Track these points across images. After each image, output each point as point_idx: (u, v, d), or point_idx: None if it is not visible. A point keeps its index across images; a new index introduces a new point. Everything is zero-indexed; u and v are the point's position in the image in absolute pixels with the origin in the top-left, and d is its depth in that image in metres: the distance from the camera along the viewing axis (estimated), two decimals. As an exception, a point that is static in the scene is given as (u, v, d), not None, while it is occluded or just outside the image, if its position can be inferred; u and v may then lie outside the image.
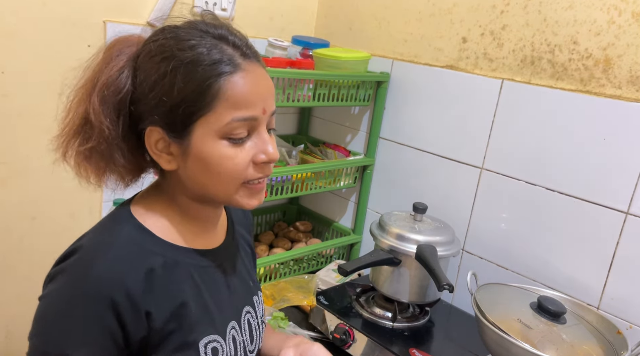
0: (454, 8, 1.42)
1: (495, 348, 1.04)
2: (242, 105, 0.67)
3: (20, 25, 1.21)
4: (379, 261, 1.26)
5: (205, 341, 0.71)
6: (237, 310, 0.80)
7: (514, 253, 1.34)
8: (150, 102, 0.67)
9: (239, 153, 0.68)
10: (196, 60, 0.65)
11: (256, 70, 0.69)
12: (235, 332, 0.78)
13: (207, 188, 0.71)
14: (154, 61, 0.67)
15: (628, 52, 1.13)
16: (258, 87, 0.69)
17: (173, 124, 0.67)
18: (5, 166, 1.28)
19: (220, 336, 0.74)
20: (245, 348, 0.80)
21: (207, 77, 0.65)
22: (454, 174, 1.45)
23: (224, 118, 0.66)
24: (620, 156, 1.14)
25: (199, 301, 0.72)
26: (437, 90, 1.47)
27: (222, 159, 0.67)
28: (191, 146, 0.68)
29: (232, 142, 0.68)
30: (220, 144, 0.67)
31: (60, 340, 0.63)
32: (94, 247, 0.67)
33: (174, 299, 0.69)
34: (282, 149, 1.60)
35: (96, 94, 0.67)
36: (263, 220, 1.87)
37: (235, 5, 1.56)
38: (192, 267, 0.73)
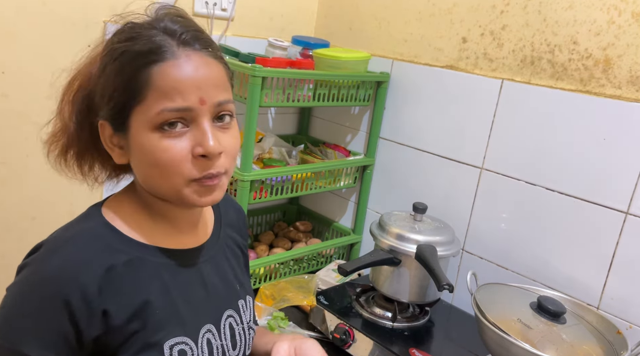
0: (454, 8, 1.42)
1: (495, 348, 1.04)
2: (173, 95, 0.63)
3: (20, 25, 1.21)
4: (379, 261, 1.26)
5: (171, 343, 0.69)
6: (215, 313, 0.77)
7: (514, 253, 1.34)
8: (97, 97, 0.68)
9: (174, 146, 0.64)
10: (127, 51, 0.64)
11: (195, 58, 0.65)
12: (212, 336, 0.75)
13: (153, 182, 0.69)
14: (101, 57, 0.68)
15: (628, 52, 1.13)
16: (194, 75, 0.64)
17: (114, 117, 0.67)
18: (5, 166, 1.28)
19: (190, 339, 0.71)
20: (224, 353, 0.77)
21: (136, 67, 0.64)
22: (454, 174, 1.45)
23: (154, 108, 0.63)
24: (620, 156, 1.14)
25: (166, 301, 0.70)
26: (437, 90, 1.48)
27: (156, 152, 0.64)
28: (130, 138, 0.67)
29: (166, 134, 0.64)
30: (153, 136, 0.64)
31: (14, 335, 0.62)
32: (55, 243, 0.67)
33: (136, 297, 0.67)
34: (282, 149, 1.60)
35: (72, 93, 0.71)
36: (263, 220, 1.87)
37: (235, 5, 1.56)
38: (161, 266, 0.71)
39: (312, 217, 1.88)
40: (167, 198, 0.70)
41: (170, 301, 0.70)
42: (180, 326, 0.70)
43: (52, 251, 0.65)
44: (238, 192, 1.34)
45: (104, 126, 0.69)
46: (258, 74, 1.25)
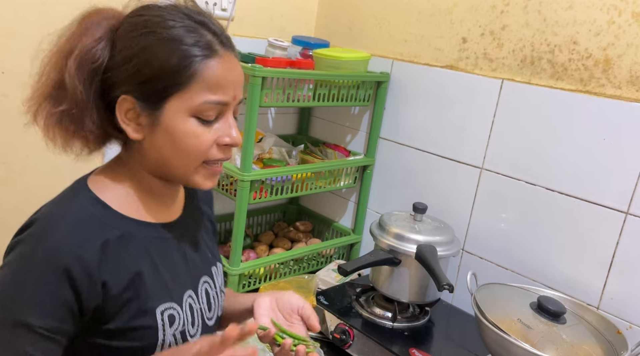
0: (454, 8, 1.42)
1: (495, 348, 1.04)
2: (216, 89, 0.71)
3: (20, 25, 1.21)
4: (379, 261, 1.26)
5: (162, 309, 0.75)
6: (194, 280, 0.84)
7: (514, 253, 1.34)
8: (126, 72, 0.70)
9: (205, 133, 0.72)
10: (178, 39, 0.69)
11: (231, 59, 0.73)
12: (192, 300, 0.82)
13: (169, 162, 0.74)
14: (135, 34, 0.70)
15: (628, 52, 1.13)
16: (232, 74, 0.73)
17: (147, 96, 0.70)
18: (5, 166, 1.28)
19: (176, 304, 0.78)
20: (203, 315, 0.84)
21: (187, 56, 0.69)
22: (454, 174, 1.45)
23: (198, 99, 0.70)
24: (620, 156, 1.14)
25: (154, 271, 0.76)
26: (437, 90, 1.48)
27: (188, 136, 0.71)
28: (161, 119, 0.71)
29: (201, 122, 0.71)
30: (189, 122, 0.71)
31: (17, 308, 0.65)
32: (49, 219, 0.69)
33: (129, 269, 0.72)
34: (282, 149, 1.60)
35: (73, 59, 0.70)
36: (263, 220, 1.87)
37: (235, 5, 1.56)
38: (148, 240, 0.77)
39: (312, 217, 1.88)
40: (174, 177, 0.76)
41: (158, 271, 0.76)
42: (168, 294, 0.77)
43: (49, 228, 0.68)
44: (238, 192, 1.34)
45: (125, 101, 0.71)
46: (258, 74, 1.25)
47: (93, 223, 0.70)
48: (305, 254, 1.60)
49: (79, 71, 0.70)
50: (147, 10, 0.72)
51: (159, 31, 0.69)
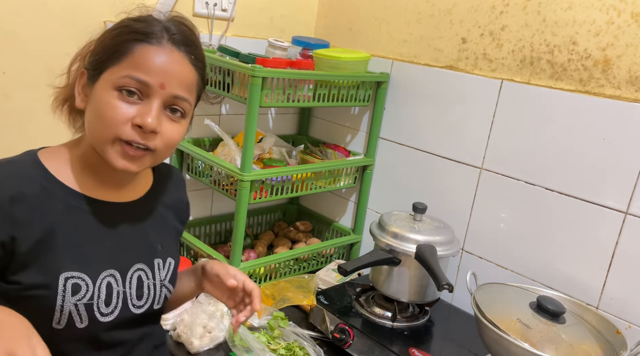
0: (453, 9, 1.43)
1: (494, 348, 1.04)
2: (142, 69, 0.75)
3: (20, 26, 1.21)
4: (378, 261, 1.26)
5: (67, 275, 0.77)
6: (122, 262, 0.84)
7: (514, 252, 1.34)
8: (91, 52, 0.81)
9: (122, 107, 0.75)
10: (128, 26, 0.78)
11: (175, 54, 0.78)
12: (114, 281, 0.82)
13: (91, 133, 0.78)
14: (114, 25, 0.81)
15: (627, 52, 1.13)
16: (167, 65, 0.77)
17: (91, 68, 0.79)
18: (6, 166, 1.28)
19: (87, 277, 0.78)
20: (126, 300, 0.84)
21: (127, 39, 0.76)
22: (453, 174, 1.45)
23: (122, 72, 0.75)
24: (620, 156, 1.15)
25: (70, 238, 0.78)
26: (436, 90, 1.48)
27: (106, 106, 0.75)
28: (95, 89, 0.77)
29: (121, 97, 0.75)
30: (111, 93, 0.75)
31: None
32: None
33: (43, 226, 0.75)
34: (282, 149, 1.60)
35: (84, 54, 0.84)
36: (263, 220, 1.88)
37: (236, 5, 1.56)
38: (76, 208, 0.80)
39: (312, 217, 1.88)
40: (96, 149, 0.79)
41: (76, 240, 0.79)
42: (80, 264, 0.78)
43: None
44: (238, 192, 1.34)
45: (83, 74, 0.80)
46: (258, 74, 1.25)
47: (19, 175, 0.76)
48: (305, 254, 1.60)
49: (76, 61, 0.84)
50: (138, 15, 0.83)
51: (125, 21, 0.79)
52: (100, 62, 0.77)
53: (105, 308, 0.80)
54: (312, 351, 1.19)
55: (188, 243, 1.53)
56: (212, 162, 1.43)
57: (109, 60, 0.77)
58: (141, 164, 0.79)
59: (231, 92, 1.36)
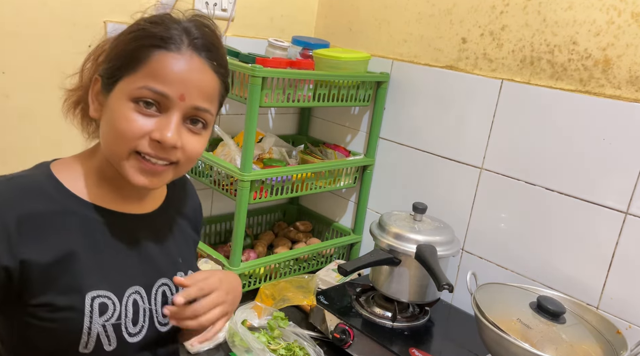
0: (453, 8, 1.43)
1: (494, 348, 1.04)
2: (159, 79, 0.70)
3: (20, 25, 1.21)
4: (378, 261, 1.26)
5: (94, 294, 0.72)
6: (147, 278, 0.80)
7: (514, 252, 1.34)
8: (105, 57, 0.76)
9: (138, 120, 0.70)
10: (146, 29, 0.72)
11: (195, 61, 0.72)
12: (139, 298, 0.77)
13: (107, 144, 0.74)
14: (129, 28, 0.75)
15: (627, 52, 1.13)
16: (187, 74, 0.71)
17: (106, 76, 0.73)
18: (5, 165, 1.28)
19: (114, 295, 0.74)
20: (153, 317, 0.79)
21: (143, 45, 0.71)
22: (453, 174, 1.45)
23: (139, 83, 0.70)
24: (620, 156, 1.14)
25: (94, 255, 0.73)
26: (436, 90, 1.48)
27: (122, 119, 0.70)
28: (110, 99, 0.72)
29: (138, 108, 0.70)
30: (126, 104, 0.70)
31: None
32: None
33: (60, 245, 0.70)
34: (282, 149, 1.60)
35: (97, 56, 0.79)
36: (263, 220, 1.87)
37: (236, 5, 1.56)
38: (95, 222, 0.75)
39: (312, 217, 1.88)
40: (112, 163, 0.75)
41: (98, 256, 0.74)
42: (106, 281, 0.74)
43: None
44: (238, 192, 1.34)
45: (97, 81, 0.75)
46: (258, 74, 1.25)
47: (32, 191, 0.71)
48: (305, 254, 1.60)
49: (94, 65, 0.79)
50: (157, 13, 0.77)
51: (141, 24, 0.73)
52: (114, 70, 0.72)
53: (132, 328, 0.76)
54: (312, 352, 1.19)
55: (188, 243, 1.53)
56: (212, 162, 1.43)
57: (124, 68, 0.71)
58: (162, 180, 0.75)
59: (231, 92, 1.36)
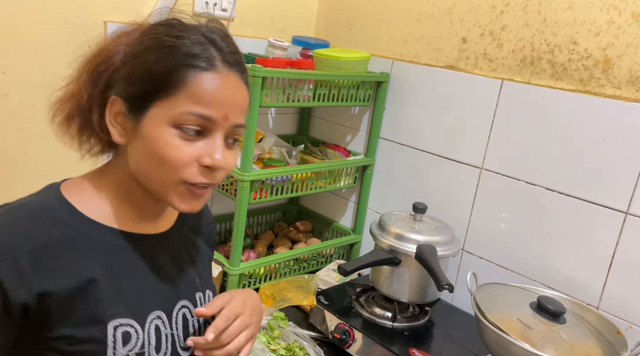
0: (453, 8, 1.42)
1: (495, 348, 1.04)
2: (203, 102, 0.66)
3: (20, 25, 1.21)
4: (379, 261, 1.26)
5: (116, 324, 0.68)
6: (167, 301, 0.76)
7: (514, 253, 1.34)
8: (122, 73, 0.69)
9: (185, 147, 0.67)
10: (175, 47, 0.67)
11: (233, 80, 0.69)
12: (161, 323, 0.74)
13: (147, 174, 0.69)
14: (141, 38, 0.69)
15: (627, 52, 1.13)
16: (227, 93, 0.69)
17: (133, 99, 0.68)
18: (5, 166, 1.28)
19: (136, 323, 0.70)
20: (175, 342, 0.76)
21: (178, 64, 0.66)
22: (453, 174, 1.45)
23: (181, 108, 0.66)
24: (620, 156, 1.14)
25: (113, 281, 0.69)
26: (437, 90, 1.48)
27: (167, 147, 0.66)
28: (142, 124, 0.67)
29: (182, 135, 0.67)
30: (169, 131, 0.66)
31: None
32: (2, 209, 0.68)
33: (80, 273, 0.66)
34: (282, 149, 1.60)
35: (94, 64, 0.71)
36: (263, 220, 1.87)
37: (235, 5, 1.56)
38: (111, 246, 0.71)
39: (312, 217, 1.88)
40: (150, 190, 0.71)
41: (118, 282, 0.70)
42: (127, 309, 0.70)
43: None
44: (238, 192, 1.34)
45: (115, 103, 0.69)
46: (258, 74, 1.25)
47: (45, 218, 0.67)
48: (305, 254, 1.60)
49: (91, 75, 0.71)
50: (166, 20, 0.72)
51: (163, 38, 0.68)
52: (145, 94, 0.67)
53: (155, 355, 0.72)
54: (312, 352, 1.19)
55: (188, 243, 1.53)
56: (212, 162, 1.43)
57: (157, 92, 0.66)
58: (204, 201, 0.73)
59: (231, 92, 1.36)
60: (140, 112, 0.67)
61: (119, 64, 0.70)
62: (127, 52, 0.70)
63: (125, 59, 0.69)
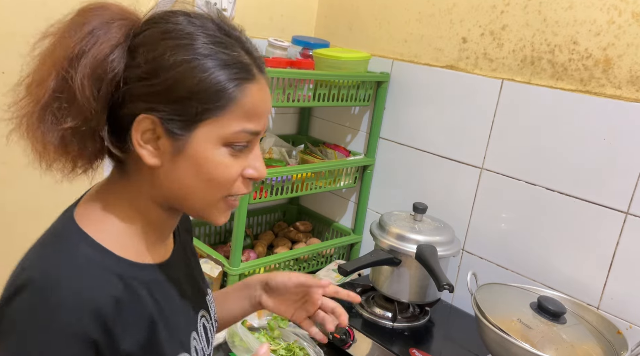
0: (453, 8, 1.42)
1: (495, 348, 1.04)
2: (253, 117, 0.63)
3: (20, 25, 1.21)
4: (379, 261, 1.26)
5: None
6: (194, 319, 0.75)
7: (514, 253, 1.34)
8: (149, 88, 0.59)
9: (235, 164, 0.64)
10: (216, 56, 0.60)
11: (266, 86, 0.67)
12: (196, 342, 0.74)
13: (188, 195, 0.65)
14: (166, 45, 0.60)
15: (628, 52, 1.13)
16: (268, 103, 0.67)
17: (176, 118, 0.60)
18: (5, 166, 1.28)
19: (187, 353, 0.70)
20: (204, 353, 0.76)
21: (227, 80, 0.60)
22: (454, 174, 1.45)
23: (234, 127, 0.62)
24: (620, 156, 1.14)
25: (164, 319, 0.66)
26: (437, 90, 1.48)
27: (218, 166, 0.63)
28: (188, 145, 0.61)
29: (232, 152, 0.63)
30: (220, 151, 0.63)
31: None
32: (50, 279, 0.57)
33: (144, 323, 0.63)
34: (282, 149, 1.60)
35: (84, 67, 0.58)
36: (263, 220, 1.87)
37: (235, 5, 1.56)
38: (152, 284, 0.67)
39: (312, 217, 1.88)
40: (189, 210, 0.68)
41: (167, 318, 0.67)
42: (179, 342, 0.69)
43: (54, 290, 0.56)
44: (238, 192, 1.34)
45: (145, 121, 0.60)
46: (258, 74, 1.25)
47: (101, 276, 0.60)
48: (305, 254, 1.60)
49: (92, 82, 0.58)
50: (175, 17, 0.62)
51: (194, 45, 0.60)
52: (192, 113, 0.60)
53: None
54: (312, 352, 1.19)
55: (188, 243, 1.53)
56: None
57: (206, 111, 0.60)
58: None
59: (231, 92, 1.36)
60: (186, 131, 0.61)
61: (137, 75, 0.60)
62: (149, 62, 0.59)
63: (152, 69, 0.59)
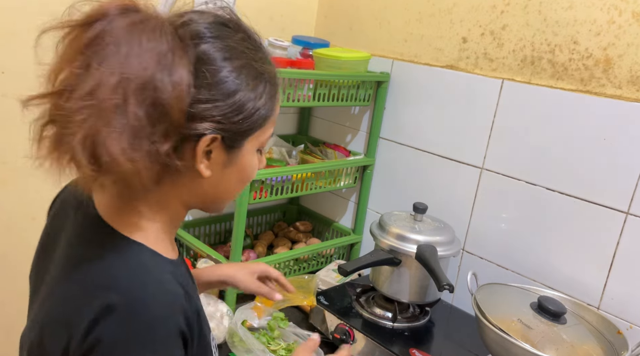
0: (454, 8, 1.42)
1: (495, 348, 1.04)
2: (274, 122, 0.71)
3: (20, 25, 1.21)
4: (379, 261, 1.26)
5: (214, 343, 0.74)
6: None
7: (514, 253, 1.34)
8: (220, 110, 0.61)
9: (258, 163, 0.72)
10: (272, 77, 0.67)
11: None
12: None
13: (226, 195, 0.71)
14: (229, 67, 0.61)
15: (628, 52, 1.13)
16: None
17: (235, 135, 0.64)
18: (5, 166, 1.28)
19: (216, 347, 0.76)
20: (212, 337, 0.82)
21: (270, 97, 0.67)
22: (454, 174, 1.45)
23: (268, 133, 0.70)
24: (620, 156, 1.14)
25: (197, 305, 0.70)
26: (437, 90, 1.47)
27: (254, 169, 0.71)
28: (238, 156, 0.67)
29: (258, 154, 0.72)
30: (256, 155, 0.71)
31: None
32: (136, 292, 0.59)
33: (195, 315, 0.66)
34: (282, 149, 1.60)
35: (175, 99, 0.56)
36: (263, 220, 1.87)
37: (235, 5, 1.56)
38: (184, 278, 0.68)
39: (312, 217, 1.88)
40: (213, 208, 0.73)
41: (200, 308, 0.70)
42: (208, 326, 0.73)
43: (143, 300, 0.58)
44: (238, 192, 1.34)
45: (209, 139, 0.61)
46: (258, 74, 1.25)
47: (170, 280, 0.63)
48: (305, 254, 1.60)
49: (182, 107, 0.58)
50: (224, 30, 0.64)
51: (252, 65, 0.64)
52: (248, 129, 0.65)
53: None
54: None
55: (188, 243, 1.53)
56: (212, 162, 1.43)
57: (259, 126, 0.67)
58: None
59: (231, 92, 1.36)
60: (239, 145, 0.66)
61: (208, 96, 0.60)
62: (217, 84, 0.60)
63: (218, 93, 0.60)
